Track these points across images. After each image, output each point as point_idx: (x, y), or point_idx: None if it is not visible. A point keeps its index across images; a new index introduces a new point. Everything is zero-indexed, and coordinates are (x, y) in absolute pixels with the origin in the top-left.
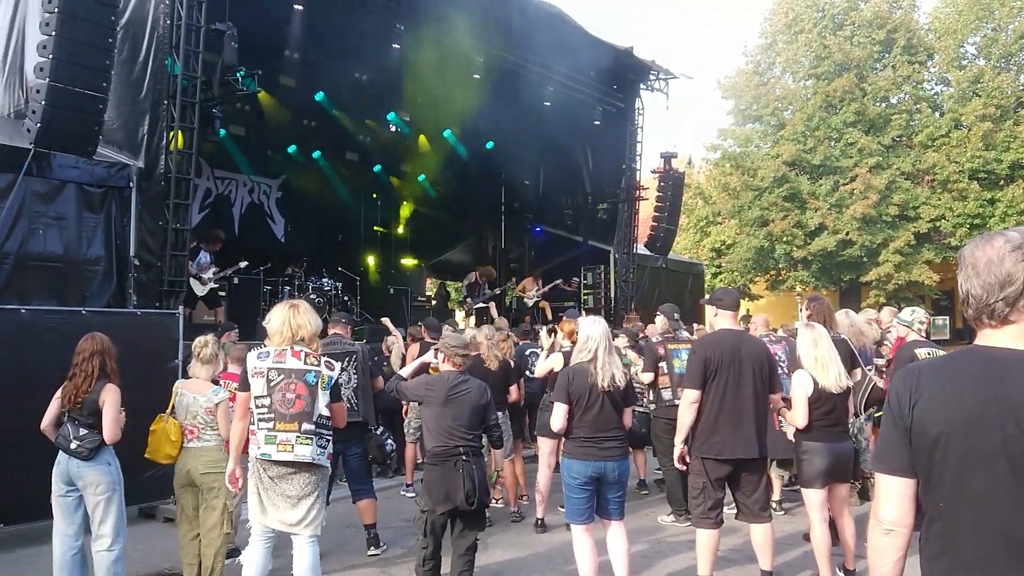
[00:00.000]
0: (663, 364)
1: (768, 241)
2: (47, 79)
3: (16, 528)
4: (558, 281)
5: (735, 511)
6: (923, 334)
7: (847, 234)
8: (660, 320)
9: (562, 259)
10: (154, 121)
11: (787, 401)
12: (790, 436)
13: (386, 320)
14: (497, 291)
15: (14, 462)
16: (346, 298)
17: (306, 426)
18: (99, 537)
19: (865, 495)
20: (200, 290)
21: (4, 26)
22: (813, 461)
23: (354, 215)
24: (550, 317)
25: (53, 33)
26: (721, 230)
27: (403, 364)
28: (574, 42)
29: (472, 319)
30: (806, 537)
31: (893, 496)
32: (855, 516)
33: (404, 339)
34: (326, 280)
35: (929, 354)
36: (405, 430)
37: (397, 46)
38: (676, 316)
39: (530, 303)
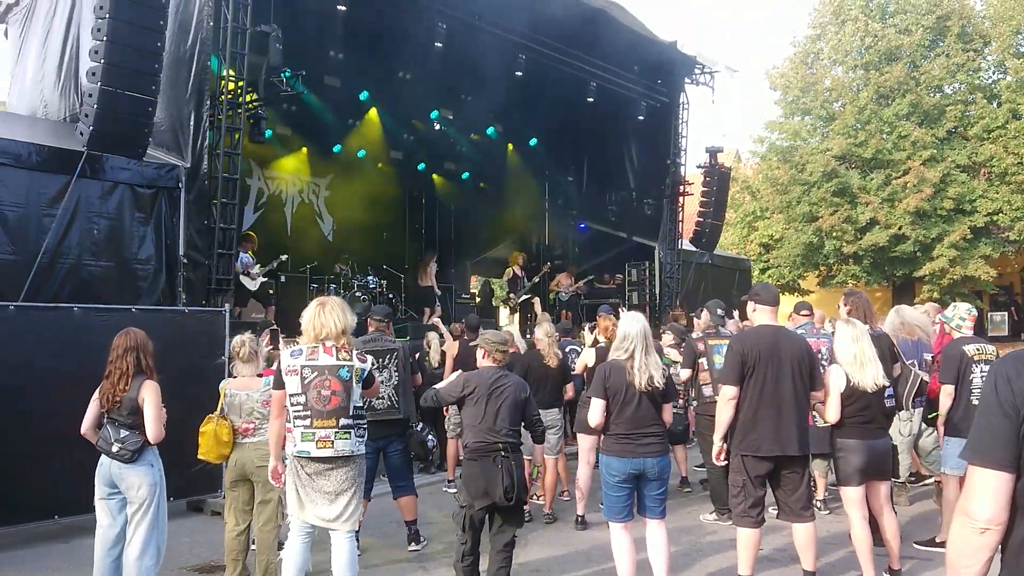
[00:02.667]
0: (703, 360)
1: (817, 236)
2: (99, 83)
3: (73, 519)
4: (591, 277)
5: (777, 510)
6: (963, 330)
7: (900, 228)
8: (704, 316)
9: (607, 255)
10: (199, 122)
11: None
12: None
13: (437, 320)
14: (536, 279)
15: (69, 456)
16: (391, 295)
17: (344, 421)
18: (132, 542)
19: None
20: (252, 285)
21: (60, 33)
22: (849, 458)
23: (398, 213)
24: (569, 323)
25: (105, 38)
26: (768, 225)
27: (442, 360)
28: (618, 37)
29: (516, 315)
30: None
31: (993, 492)
32: (909, 516)
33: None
34: (371, 278)
35: (978, 350)
36: (447, 426)
37: (440, 45)
38: (720, 312)
39: (565, 298)
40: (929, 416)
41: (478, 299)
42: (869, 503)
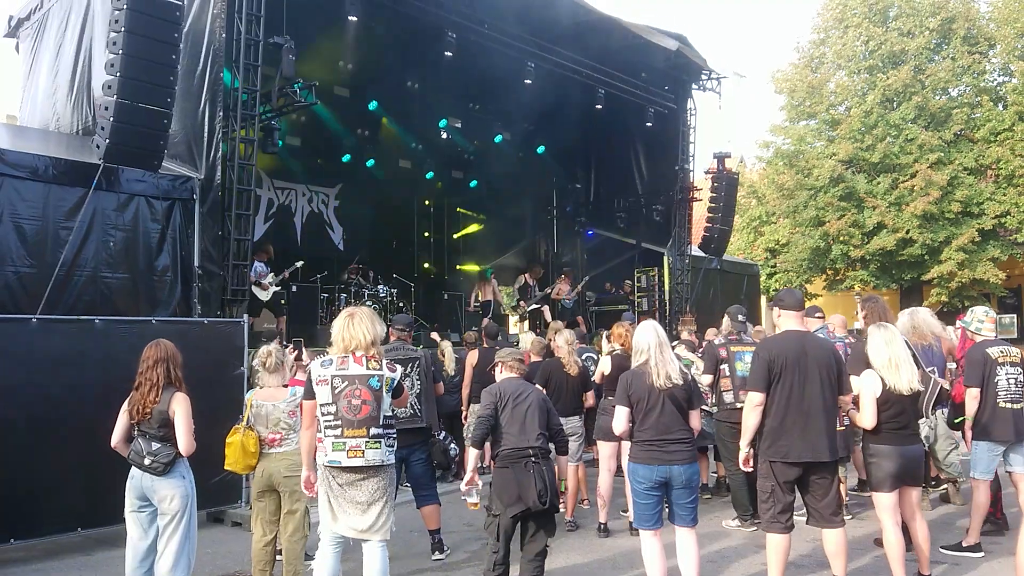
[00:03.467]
0: (725, 366)
1: (824, 241)
2: (115, 96)
3: (95, 532)
4: (587, 279)
5: (805, 516)
6: (983, 332)
7: (907, 232)
8: (725, 322)
9: (615, 262)
10: (213, 133)
11: (855, 402)
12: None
13: (435, 335)
14: (548, 290)
15: (92, 468)
16: (401, 304)
17: (374, 430)
18: (164, 554)
19: (946, 499)
20: (264, 295)
21: (72, 47)
22: (882, 464)
23: (407, 222)
24: (584, 329)
25: (121, 52)
26: (775, 230)
27: (459, 368)
28: (625, 44)
29: (526, 323)
30: (877, 542)
31: None
32: (929, 520)
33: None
34: (381, 287)
35: (1002, 352)
36: (465, 434)
37: (449, 54)
38: (741, 318)
39: (570, 304)
40: (955, 421)
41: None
42: (900, 508)
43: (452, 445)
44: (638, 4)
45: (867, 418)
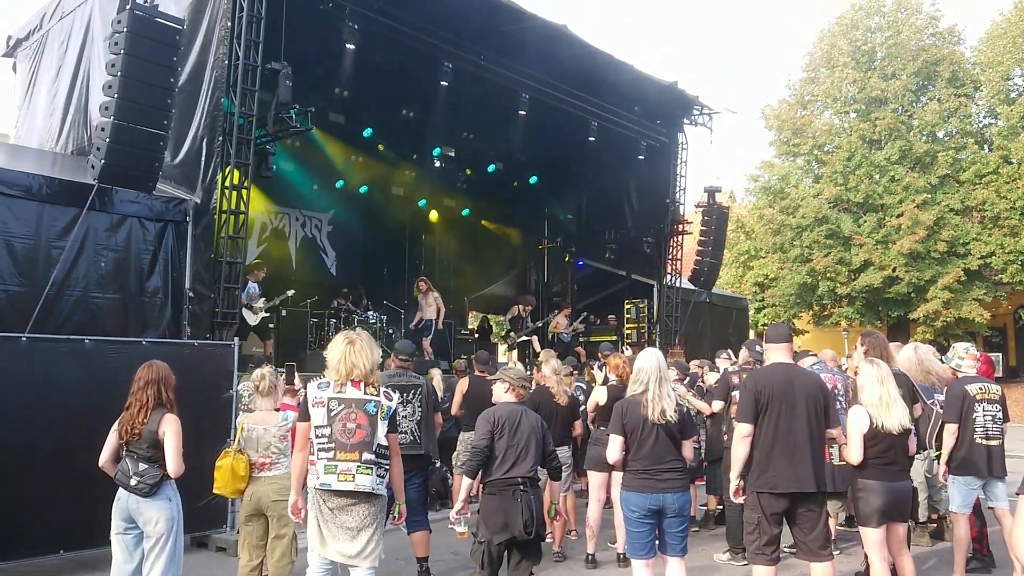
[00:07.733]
0: (736, 393)
1: (811, 277)
2: (112, 118)
3: (77, 555)
4: (585, 313)
5: (794, 550)
6: (963, 369)
7: (894, 270)
8: (743, 353)
9: (605, 293)
10: (210, 157)
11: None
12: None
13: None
14: (539, 324)
15: (75, 489)
16: (391, 331)
17: (367, 456)
18: None
19: (939, 536)
20: (253, 320)
21: (71, 68)
22: (870, 499)
23: (399, 249)
24: (583, 360)
25: (119, 74)
26: (763, 264)
27: (447, 393)
28: (619, 77)
29: (515, 353)
30: None
31: None
32: (922, 555)
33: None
34: (371, 313)
35: (981, 389)
36: (454, 462)
37: (445, 83)
38: (760, 349)
39: (568, 339)
40: (934, 455)
41: (476, 335)
42: (887, 544)
43: (450, 475)
44: (632, 39)
45: (854, 453)
